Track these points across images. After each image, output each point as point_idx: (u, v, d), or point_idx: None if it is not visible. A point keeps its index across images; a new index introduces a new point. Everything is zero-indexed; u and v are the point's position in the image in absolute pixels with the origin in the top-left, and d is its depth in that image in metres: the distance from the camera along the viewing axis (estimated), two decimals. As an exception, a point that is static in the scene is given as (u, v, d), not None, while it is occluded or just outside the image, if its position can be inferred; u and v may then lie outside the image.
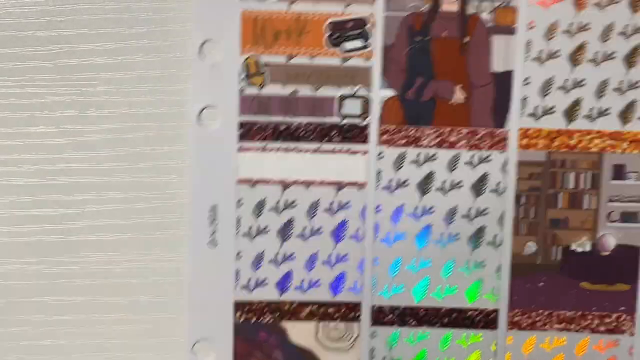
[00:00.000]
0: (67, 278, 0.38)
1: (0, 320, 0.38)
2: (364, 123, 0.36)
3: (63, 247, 0.37)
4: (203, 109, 0.36)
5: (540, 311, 0.37)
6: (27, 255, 0.38)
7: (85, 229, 0.37)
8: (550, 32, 0.36)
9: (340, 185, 0.37)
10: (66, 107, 0.37)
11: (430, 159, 0.37)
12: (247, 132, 0.36)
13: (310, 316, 0.37)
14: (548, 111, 0.36)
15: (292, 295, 0.37)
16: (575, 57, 0.36)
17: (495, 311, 0.37)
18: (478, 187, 0.37)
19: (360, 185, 0.37)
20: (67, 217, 0.37)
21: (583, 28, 0.36)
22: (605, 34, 0.36)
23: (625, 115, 0.36)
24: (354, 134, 0.37)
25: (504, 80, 0.36)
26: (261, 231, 0.37)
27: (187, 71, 0.36)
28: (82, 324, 0.38)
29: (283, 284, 0.37)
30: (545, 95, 0.36)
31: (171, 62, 0.36)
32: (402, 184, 0.37)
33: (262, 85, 0.36)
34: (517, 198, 0.37)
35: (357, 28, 0.36)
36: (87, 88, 0.36)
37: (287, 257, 0.37)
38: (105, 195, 0.37)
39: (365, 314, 0.37)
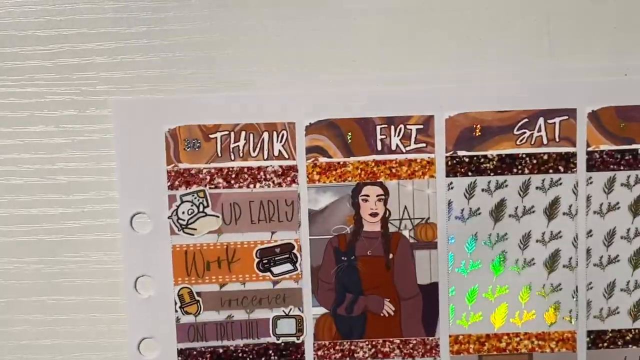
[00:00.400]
0: (66, 278, 0.38)
1: (0, 320, 0.38)
2: (299, 341, 0.38)
3: (63, 246, 0.38)
4: (142, 340, 0.37)
5: None
6: (27, 255, 0.37)
7: (85, 228, 0.37)
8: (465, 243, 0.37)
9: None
10: (66, 107, 0.37)
11: (366, 369, 0.38)
12: (186, 358, 0.37)
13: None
14: (474, 311, 0.38)
15: None
16: (500, 265, 0.37)
17: None
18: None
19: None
20: (66, 216, 0.37)
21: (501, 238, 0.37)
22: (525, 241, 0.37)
23: (550, 316, 0.37)
24: (291, 351, 0.38)
25: (430, 291, 0.37)
26: None
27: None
28: (82, 323, 0.38)
29: None
30: (472, 302, 0.37)
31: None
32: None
33: (197, 314, 0.37)
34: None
35: (285, 252, 0.37)
36: (87, 88, 0.36)
37: None
38: (105, 195, 0.37)
39: None
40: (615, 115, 0.36)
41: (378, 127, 0.37)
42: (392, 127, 0.37)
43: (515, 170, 0.37)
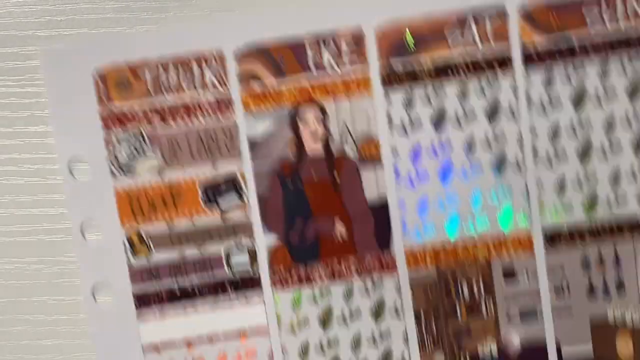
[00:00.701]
0: (67, 278, 0.38)
1: (0, 320, 0.38)
2: (254, 272, 0.37)
3: (63, 246, 0.37)
4: (94, 286, 0.37)
5: None
6: (27, 255, 0.38)
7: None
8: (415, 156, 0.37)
9: (243, 334, 0.37)
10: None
11: (325, 294, 0.37)
12: (143, 301, 0.37)
13: None
14: (427, 229, 0.37)
15: None
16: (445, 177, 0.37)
17: None
18: (377, 313, 0.38)
19: (262, 332, 0.38)
20: (66, 216, 0.37)
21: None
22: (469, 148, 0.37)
23: (504, 220, 0.37)
24: (247, 283, 0.37)
25: (380, 207, 0.37)
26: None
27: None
28: (83, 323, 0.38)
29: None
30: (424, 215, 0.37)
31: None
32: (305, 325, 0.38)
33: (148, 255, 0.37)
34: (417, 315, 0.38)
35: (230, 184, 0.37)
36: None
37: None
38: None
39: None
40: (545, 8, 0.36)
41: (308, 46, 0.36)
42: (323, 45, 0.36)
43: (451, 76, 0.36)
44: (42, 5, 0.36)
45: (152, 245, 0.37)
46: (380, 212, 0.37)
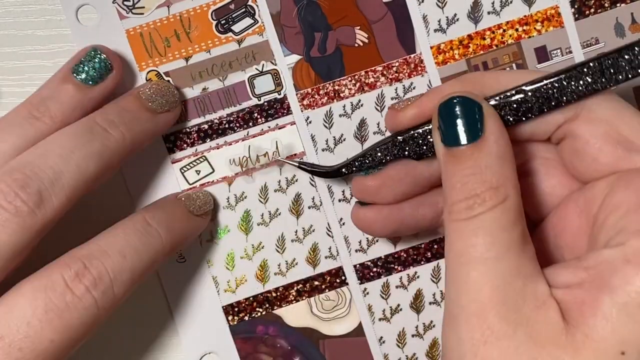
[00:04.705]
0: None
1: None
2: (281, 95, 0.36)
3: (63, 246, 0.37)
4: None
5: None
6: None
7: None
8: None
9: (279, 163, 0.36)
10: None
11: (357, 107, 0.36)
12: (173, 143, 0.36)
13: (298, 296, 0.37)
14: (452, 21, 0.36)
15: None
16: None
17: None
18: (412, 117, 0.36)
19: (299, 155, 0.37)
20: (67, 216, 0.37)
21: None
22: None
23: (528, -3, 0.36)
24: (276, 109, 0.36)
25: (398, 6, 0.36)
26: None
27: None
28: None
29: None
30: (444, 6, 0.36)
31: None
32: (339, 141, 0.37)
33: (171, 94, 0.36)
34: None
35: (241, 6, 0.36)
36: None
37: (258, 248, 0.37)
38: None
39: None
40: None
41: None
42: None
43: None
44: (42, 5, 0.35)
45: (172, 82, 0.36)
46: (400, 12, 0.36)
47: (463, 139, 0.27)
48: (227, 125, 0.36)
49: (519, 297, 0.26)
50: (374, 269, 0.37)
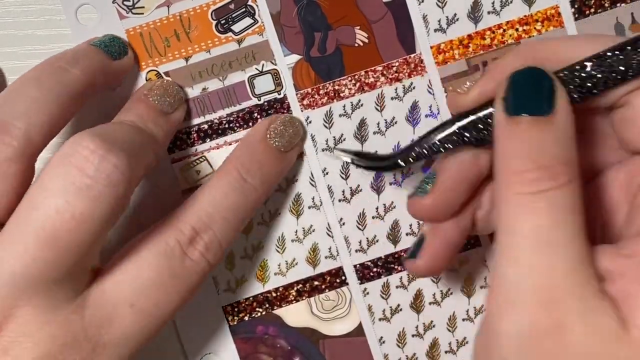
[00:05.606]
0: None
1: None
2: (281, 95, 0.36)
3: None
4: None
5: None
6: None
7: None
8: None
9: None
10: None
11: (357, 107, 0.36)
12: (173, 143, 0.36)
13: (298, 296, 0.37)
14: (452, 20, 0.36)
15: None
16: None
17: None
18: (412, 117, 0.36)
19: (299, 155, 0.37)
20: None
21: None
22: None
23: (528, -3, 0.36)
24: (276, 108, 0.36)
25: (398, 5, 0.36)
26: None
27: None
28: None
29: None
30: (444, 6, 0.36)
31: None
32: (339, 141, 0.36)
33: (171, 94, 0.36)
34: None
35: (241, 6, 0.36)
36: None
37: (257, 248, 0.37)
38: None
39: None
40: None
41: None
42: None
43: None
44: (42, 5, 0.35)
45: (173, 83, 0.36)
46: (399, 11, 0.36)
47: (534, 109, 0.25)
48: (227, 125, 0.36)
49: (586, 286, 0.24)
50: (374, 269, 0.37)
